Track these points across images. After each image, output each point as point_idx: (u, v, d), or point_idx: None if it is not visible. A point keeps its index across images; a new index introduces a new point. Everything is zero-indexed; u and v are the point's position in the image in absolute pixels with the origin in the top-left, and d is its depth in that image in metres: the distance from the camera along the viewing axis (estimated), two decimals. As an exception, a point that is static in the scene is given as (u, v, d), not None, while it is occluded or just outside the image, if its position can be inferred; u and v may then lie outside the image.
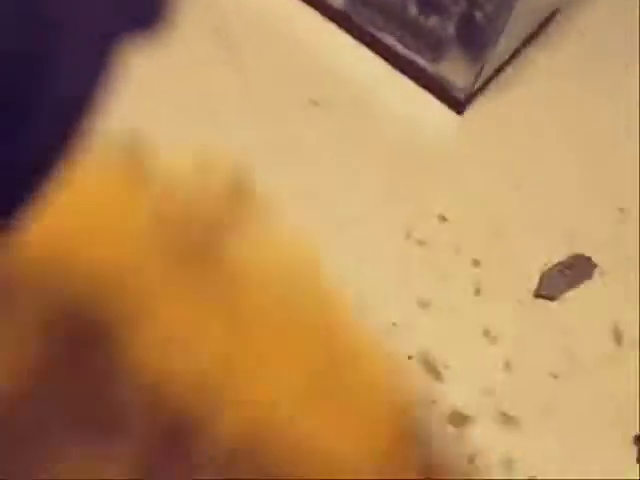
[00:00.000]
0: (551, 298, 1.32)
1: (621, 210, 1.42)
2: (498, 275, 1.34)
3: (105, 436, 0.73)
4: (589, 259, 1.37)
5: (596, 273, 1.36)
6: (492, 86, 1.57)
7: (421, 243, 1.35)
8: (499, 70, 1.58)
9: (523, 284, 1.33)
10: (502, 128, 1.51)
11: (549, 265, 1.34)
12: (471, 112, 1.53)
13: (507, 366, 1.25)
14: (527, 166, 1.46)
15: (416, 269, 1.33)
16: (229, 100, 1.44)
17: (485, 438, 1.18)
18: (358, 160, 1.42)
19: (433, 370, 1.24)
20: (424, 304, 1.29)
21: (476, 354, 1.26)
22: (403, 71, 1.55)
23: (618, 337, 1.29)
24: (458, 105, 1.53)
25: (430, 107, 1.52)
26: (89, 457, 0.74)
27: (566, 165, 1.45)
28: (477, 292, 1.32)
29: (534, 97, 1.55)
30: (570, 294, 1.33)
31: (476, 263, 1.35)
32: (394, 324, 1.27)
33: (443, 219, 1.38)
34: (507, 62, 1.59)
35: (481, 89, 1.54)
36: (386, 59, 1.55)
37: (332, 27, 1.57)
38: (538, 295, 1.32)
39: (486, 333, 1.28)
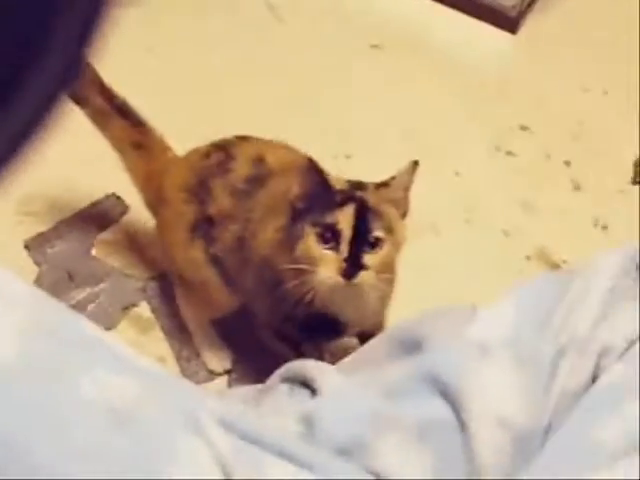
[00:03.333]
0: (649, 183, 1.33)
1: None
2: (592, 171, 1.34)
3: None
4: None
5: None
6: (538, 4, 1.58)
7: (511, 154, 1.36)
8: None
9: (619, 174, 1.33)
10: (556, 40, 1.52)
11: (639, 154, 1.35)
12: (524, 30, 1.54)
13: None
14: (589, 69, 1.47)
15: (512, 178, 1.33)
16: (289, 53, 1.46)
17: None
18: (432, 92, 1.43)
19: (554, 266, 1.24)
20: (528, 208, 1.30)
21: (590, 244, 1.26)
22: (451, 4, 1.56)
23: None
24: (512, 24, 1.54)
25: (485, 32, 1.54)
26: None
27: (625, 62, 1.46)
28: (577, 188, 1.32)
29: (581, 8, 1.56)
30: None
31: (568, 164, 1.35)
32: (504, 231, 1.27)
33: (525, 128, 1.39)
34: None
35: (528, 7, 1.56)
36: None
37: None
38: (636, 182, 1.32)
39: (596, 223, 1.28)
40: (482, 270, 1.25)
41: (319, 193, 0.94)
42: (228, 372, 1.17)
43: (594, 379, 0.71)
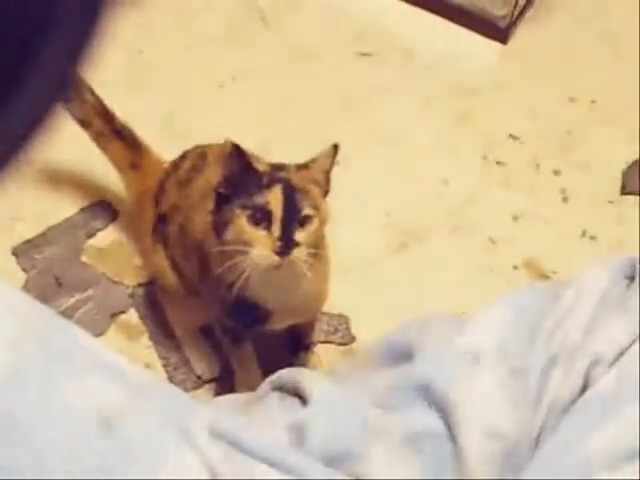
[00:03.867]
0: (636, 193, 1.33)
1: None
2: (581, 181, 1.35)
3: None
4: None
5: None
6: (528, 14, 1.58)
7: (500, 163, 1.36)
8: (530, 1, 1.60)
9: (608, 185, 1.34)
10: (546, 50, 1.52)
11: (628, 163, 1.35)
12: (514, 40, 1.55)
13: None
14: (577, 80, 1.47)
15: (501, 187, 1.34)
16: (277, 59, 1.46)
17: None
18: (421, 101, 1.43)
19: (542, 276, 1.24)
20: (517, 218, 1.30)
21: (578, 255, 1.26)
22: (441, 14, 1.57)
23: None
24: (502, 34, 1.54)
25: (475, 42, 1.54)
26: None
27: (614, 73, 1.47)
28: (565, 198, 1.33)
29: (571, 19, 1.57)
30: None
31: (557, 173, 1.36)
32: (491, 239, 1.28)
33: (514, 138, 1.39)
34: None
35: (518, 18, 1.56)
36: (422, 4, 1.57)
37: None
38: (625, 193, 1.33)
39: (584, 233, 1.29)
40: (469, 279, 1.25)
41: (245, 177, 0.97)
42: (216, 379, 1.17)
43: (584, 389, 0.71)
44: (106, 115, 1.16)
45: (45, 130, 0.37)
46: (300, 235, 0.96)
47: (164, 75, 1.44)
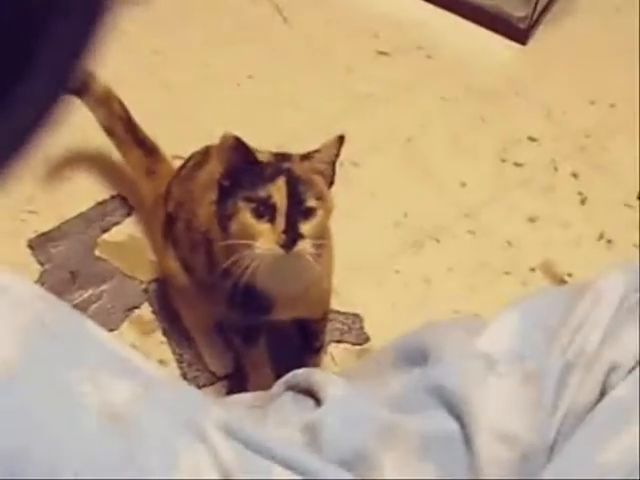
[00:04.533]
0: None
1: None
2: (599, 184, 1.34)
3: None
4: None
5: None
6: (548, 16, 1.58)
7: (518, 165, 1.36)
8: (552, 0, 1.59)
9: (626, 188, 1.33)
10: (566, 52, 1.51)
11: (646, 167, 1.35)
12: (534, 41, 1.54)
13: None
14: (596, 82, 1.46)
15: (518, 189, 1.33)
16: (299, 57, 1.45)
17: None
18: (439, 101, 1.43)
19: (558, 278, 1.24)
20: (534, 220, 1.30)
21: (594, 258, 1.26)
22: (461, 13, 1.56)
23: None
24: (522, 35, 1.54)
25: (495, 43, 1.53)
26: None
27: (633, 75, 1.46)
28: (583, 201, 1.32)
29: (591, 21, 1.56)
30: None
31: (575, 176, 1.35)
32: (508, 241, 1.27)
33: (533, 140, 1.38)
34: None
35: (538, 19, 1.55)
36: (441, 4, 1.56)
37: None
38: (642, 196, 1.32)
39: (601, 237, 1.28)
40: (486, 281, 1.25)
41: (247, 169, 0.96)
42: (230, 376, 1.17)
43: (602, 396, 0.71)
44: (130, 125, 1.19)
45: (49, 125, 0.36)
46: (305, 227, 0.94)
47: (180, 73, 1.43)
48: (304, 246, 0.93)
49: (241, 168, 0.95)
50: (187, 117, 1.36)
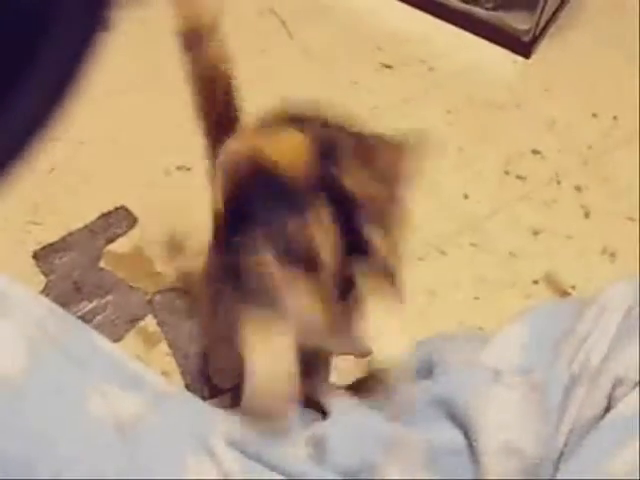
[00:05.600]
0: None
1: None
2: (602, 197, 1.34)
3: None
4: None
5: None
6: (551, 29, 1.58)
7: (521, 178, 1.36)
8: (555, 13, 1.60)
9: (629, 201, 1.33)
10: (569, 65, 1.52)
11: (650, 180, 1.35)
12: (537, 54, 1.54)
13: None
14: (600, 95, 1.47)
15: (521, 202, 1.33)
16: (303, 70, 1.46)
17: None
18: (443, 114, 1.43)
19: (561, 291, 1.24)
20: (537, 232, 1.30)
21: (598, 272, 1.26)
22: (464, 27, 1.57)
23: None
24: (525, 48, 1.54)
25: (498, 56, 1.54)
26: None
27: (636, 88, 1.46)
28: (586, 215, 1.32)
29: (595, 34, 1.57)
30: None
31: (578, 189, 1.35)
32: (512, 254, 1.27)
33: (536, 153, 1.39)
34: (561, 6, 1.61)
35: (542, 32, 1.56)
36: (444, 17, 1.57)
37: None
38: (646, 207, 1.32)
39: (604, 250, 1.28)
40: (489, 293, 1.25)
41: (267, 190, 0.64)
42: (234, 389, 1.17)
43: (608, 409, 0.71)
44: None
45: (48, 130, 0.37)
46: (360, 270, 0.66)
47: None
48: (358, 296, 0.66)
49: (257, 191, 0.65)
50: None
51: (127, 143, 1.34)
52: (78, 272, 1.23)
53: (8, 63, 0.35)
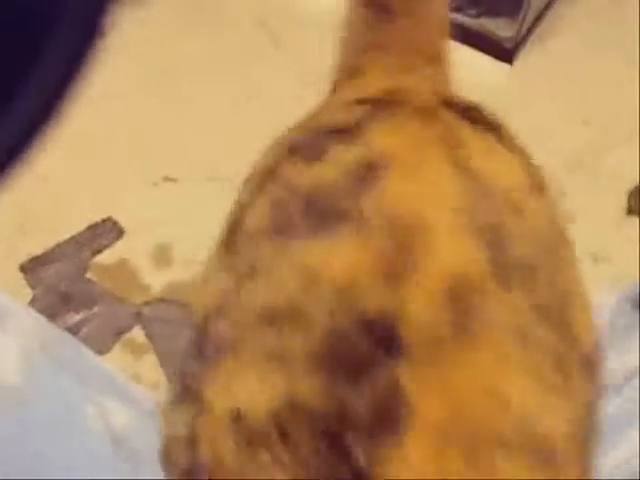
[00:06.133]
0: (642, 213, 1.33)
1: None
2: (588, 202, 1.35)
3: None
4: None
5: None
6: (534, 35, 1.59)
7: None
8: (537, 20, 1.60)
9: (615, 206, 1.34)
10: (552, 71, 1.53)
11: (635, 184, 1.36)
12: (520, 61, 1.55)
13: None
14: (583, 101, 1.48)
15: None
16: (286, 84, 1.46)
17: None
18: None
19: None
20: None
21: (585, 278, 1.26)
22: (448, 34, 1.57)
23: None
24: (508, 55, 1.55)
25: (481, 63, 1.55)
26: None
27: (621, 93, 1.47)
28: (572, 220, 1.33)
29: (577, 40, 1.57)
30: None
31: (564, 195, 1.36)
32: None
33: (521, 159, 1.39)
34: (543, 13, 1.62)
35: (524, 39, 1.57)
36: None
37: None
38: (630, 212, 1.33)
39: (591, 256, 1.29)
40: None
41: None
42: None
43: None
44: None
45: (45, 137, 0.36)
46: None
47: (177, 91, 1.44)
48: None
49: None
50: (182, 136, 1.37)
51: (115, 153, 1.34)
52: (65, 284, 1.23)
53: (9, 64, 0.35)
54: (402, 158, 0.53)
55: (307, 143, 0.56)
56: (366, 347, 0.47)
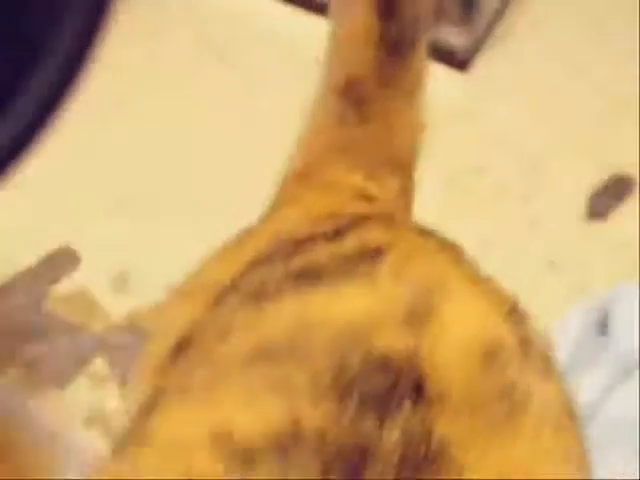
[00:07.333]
0: (602, 217, 1.33)
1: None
2: (548, 207, 1.35)
3: None
4: (626, 176, 1.38)
5: (636, 187, 1.37)
6: (488, 42, 1.59)
7: (465, 193, 1.36)
8: (490, 27, 1.60)
9: (575, 211, 1.34)
10: (507, 78, 1.52)
11: (595, 187, 1.35)
12: (474, 69, 1.55)
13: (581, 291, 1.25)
14: (541, 105, 1.48)
15: (467, 217, 1.33)
16: (230, 98, 1.45)
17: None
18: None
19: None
20: (483, 246, 1.30)
21: (545, 284, 1.26)
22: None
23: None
24: (462, 64, 1.55)
25: (435, 72, 1.54)
26: None
27: (578, 97, 1.47)
28: (533, 224, 1.32)
29: (531, 45, 1.58)
30: (620, 210, 1.34)
31: (523, 201, 1.35)
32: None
33: (479, 167, 1.39)
34: (495, 19, 1.62)
35: (477, 48, 1.57)
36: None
37: (319, 19, 1.59)
38: (590, 216, 1.33)
39: (551, 261, 1.29)
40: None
41: None
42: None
43: None
44: None
45: (53, 125, 0.36)
46: None
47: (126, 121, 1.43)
48: None
49: None
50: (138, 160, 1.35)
51: (70, 179, 1.32)
52: (23, 316, 1.21)
53: (8, 64, 0.35)
54: (401, 247, 0.52)
55: (276, 250, 0.54)
56: (383, 384, 0.47)
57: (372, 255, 0.54)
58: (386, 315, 0.51)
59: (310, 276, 0.53)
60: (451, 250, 0.56)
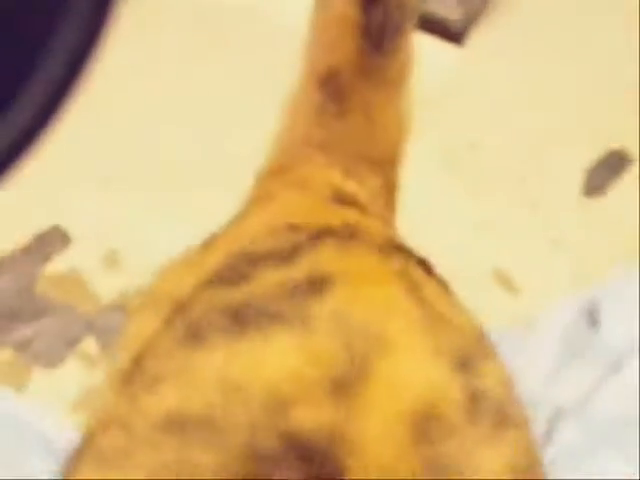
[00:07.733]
0: (601, 192, 1.32)
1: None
2: (547, 186, 1.33)
3: None
4: (622, 150, 1.37)
5: (632, 162, 1.36)
6: (483, 16, 1.57)
7: (462, 172, 1.34)
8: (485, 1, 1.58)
9: (574, 189, 1.33)
10: (502, 52, 1.50)
11: (592, 164, 1.34)
12: (470, 44, 1.53)
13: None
14: (538, 79, 1.46)
15: (463, 197, 1.32)
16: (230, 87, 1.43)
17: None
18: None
19: (509, 286, 1.23)
20: (482, 228, 1.28)
21: (546, 263, 1.25)
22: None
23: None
24: (457, 37, 1.53)
25: (430, 46, 1.52)
26: None
27: (575, 70, 1.46)
28: (532, 204, 1.31)
29: (527, 19, 1.56)
30: (617, 184, 1.33)
31: (522, 180, 1.34)
32: (457, 253, 1.26)
33: (474, 146, 1.37)
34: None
35: (473, 21, 1.54)
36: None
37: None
38: (589, 192, 1.32)
39: (551, 240, 1.27)
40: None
41: None
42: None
43: (547, 439, 0.69)
44: None
45: (51, 130, 0.36)
46: None
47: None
48: None
49: None
50: (129, 138, 1.33)
51: (59, 156, 1.30)
52: (12, 297, 1.20)
53: (7, 66, 0.34)
54: (352, 276, 0.49)
55: (228, 270, 0.52)
56: (296, 475, 0.42)
57: (318, 287, 0.50)
58: (313, 382, 0.46)
59: (246, 314, 0.49)
60: (413, 272, 0.52)
